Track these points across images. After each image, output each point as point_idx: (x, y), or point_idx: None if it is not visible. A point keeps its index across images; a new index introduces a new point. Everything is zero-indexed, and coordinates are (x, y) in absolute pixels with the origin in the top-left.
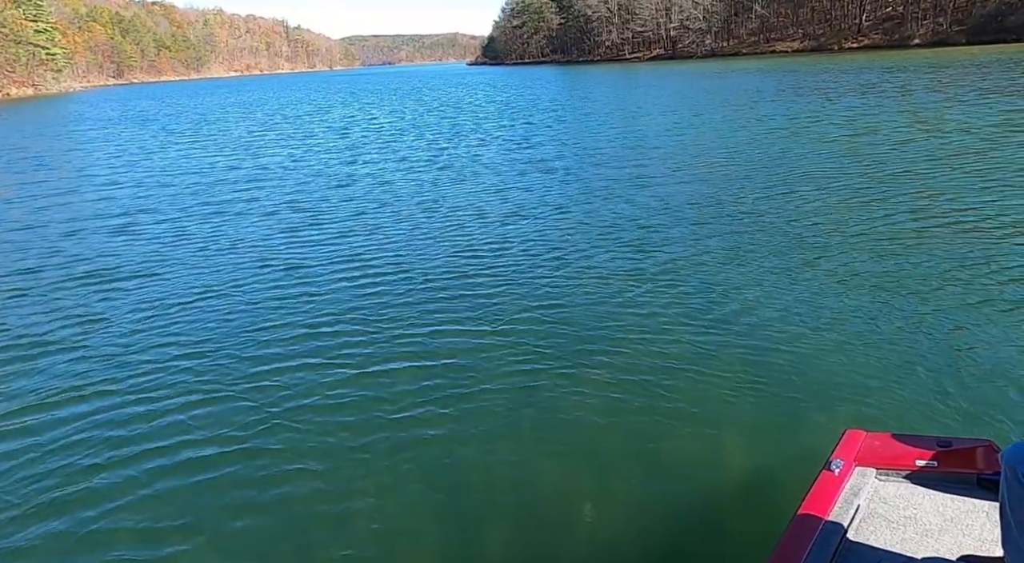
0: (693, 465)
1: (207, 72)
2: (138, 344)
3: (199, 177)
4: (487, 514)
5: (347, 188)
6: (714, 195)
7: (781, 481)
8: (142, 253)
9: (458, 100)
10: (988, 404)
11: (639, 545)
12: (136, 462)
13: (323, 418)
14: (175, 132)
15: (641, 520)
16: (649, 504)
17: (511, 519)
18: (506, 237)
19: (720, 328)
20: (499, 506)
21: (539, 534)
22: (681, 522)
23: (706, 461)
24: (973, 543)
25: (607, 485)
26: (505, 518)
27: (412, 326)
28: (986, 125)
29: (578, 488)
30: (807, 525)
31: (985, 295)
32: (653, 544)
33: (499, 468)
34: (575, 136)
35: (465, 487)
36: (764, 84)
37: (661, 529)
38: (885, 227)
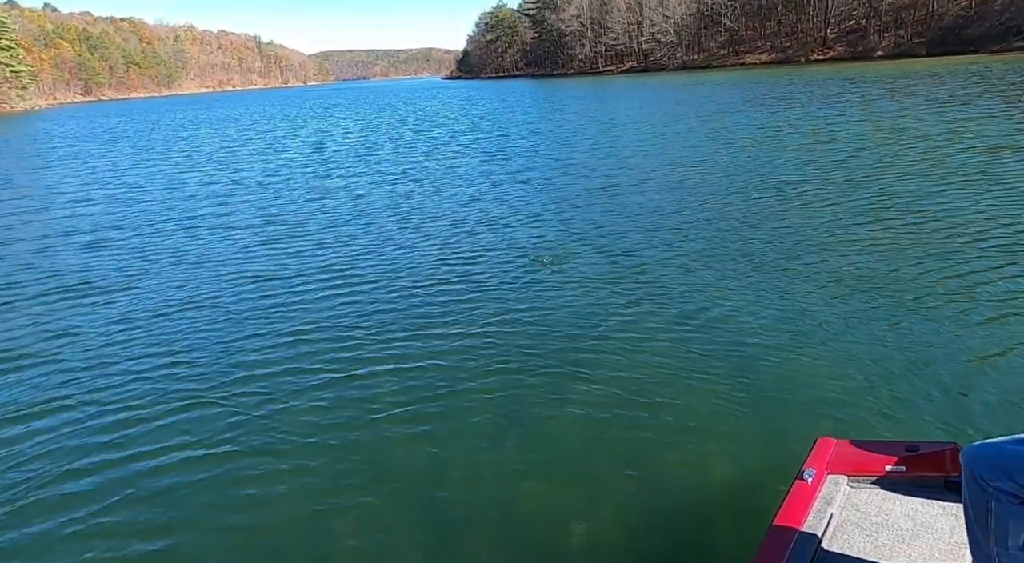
0: (670, 477)
1: (178, 88)
2: (112, 357)
3: (172, 193)
4: (468, 530)
5: (321, 201)
6: (685, 204)
7: (757, 491)
8: (115, 267)
9: (433, 113)
10: (953, 407)
11: (617, 558)
12: (109, 472)
13: (299, 435)
14: (146, 148)
15: (619, 533)
16: (627, 517)
17: (491, 533)
18: (482, 248)
19: (692, 337)
20: (479, 520)
21: (519, 550)
22: (659, 534)
23: (683, 473)
24: (944, 546)
25: (584, 498)
26: (485, 532)
27: (389, 340)
28: (940, 132)
29: (554, 498)
30: (782, 536)
31: (945, 299)
32: (631, 556)
33: (476, 481)
34: (550, 147)
35: (447, 501)
36: (733, 95)
37: (639, 542)
38: (847, 234)
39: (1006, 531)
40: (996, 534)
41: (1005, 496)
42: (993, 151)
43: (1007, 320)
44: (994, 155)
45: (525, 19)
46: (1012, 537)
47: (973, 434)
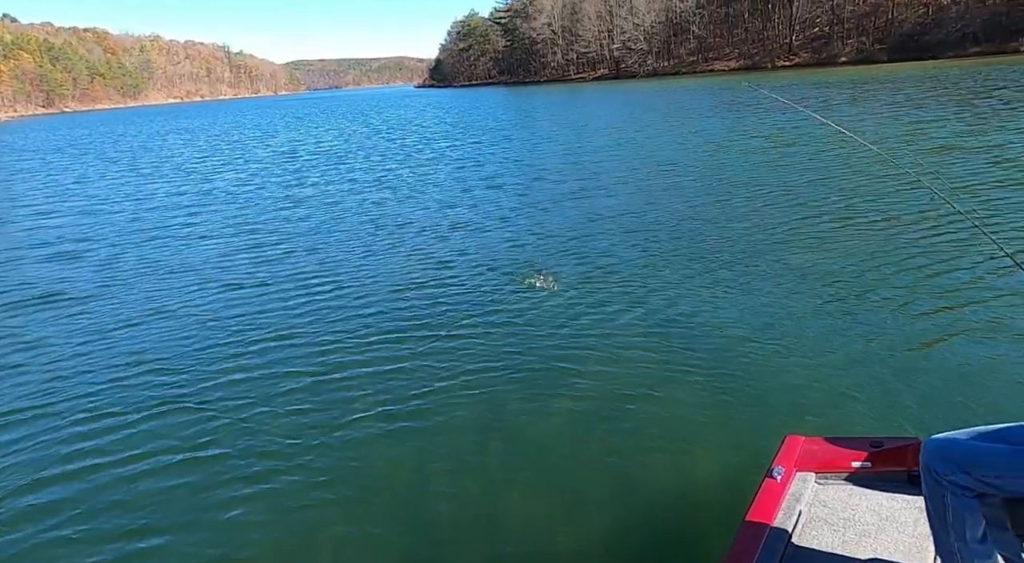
0: (644, 478)
1: (145, 99)
2: (82, 366)
3: (140, 203)
4: (447, 535)
5: (294, 210)
6: (654, 207)
7: (728, 489)
8: (84, 278)
9: (406, 122)
10: (916, 402)
11: (592, 558)
12: (81, 481)
13: (275, 445)
14: (114, 160)
15: (594, 533)
16: (602, 517)
17: (470, 535)
18: (456, 254)
19: (662, 340)
20: (458, 524)
21: (494, 550)
22: (634, 533)
23: (656, 473)
24: (908, 539)
25: (559, 499)
26: (463, 536)
27: (365, 348)
28: (895, 134)
29: (529, 500)
30: (754, 533)
31: (907, 297)
32: (606, 555)
33: (452, 484)
34: (523, 154)
35: (425, 502)
36: (702, 101)
37: (614, 541)
38: (810, 234)
39: (963, 524)
40: (955, 528)
41: (960, 490)
42: (942, 151)
43: (969, 317)
44: (943, 155)
45: (497, 27)
46: (970, 530)
47: (935, 428)
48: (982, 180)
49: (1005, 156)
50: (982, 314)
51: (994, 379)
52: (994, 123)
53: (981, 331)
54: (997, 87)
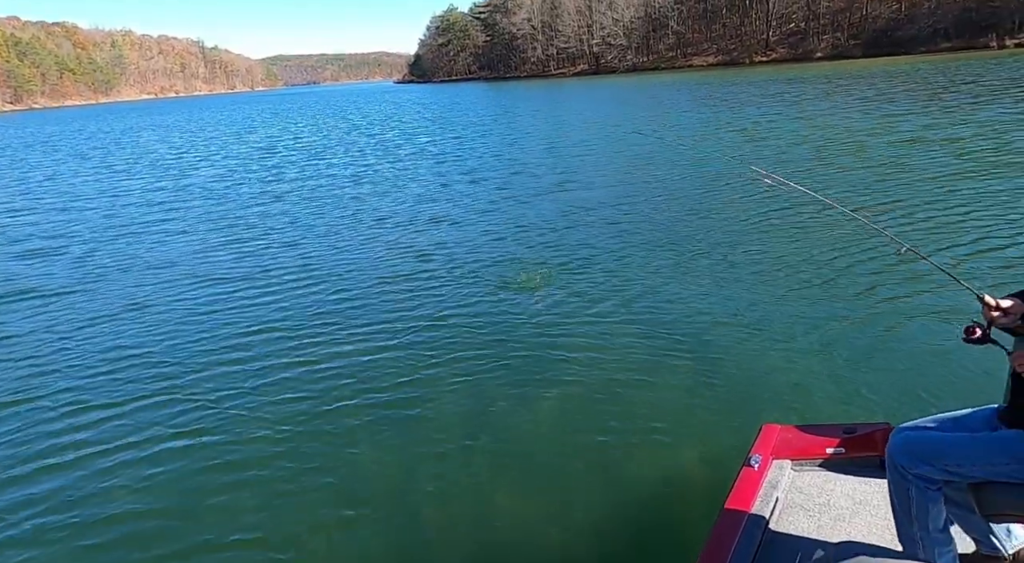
0: (625, 468)
1: (117, 95)
2: (61, 359)
3: (116, 200)
4: (430, 530)
5: (272, 206)
6: (630, 200)
7: (708, 478)
8: (58, 273)
9: (385, 117)
10: (885, 387)
11: (574, 546)
12: (57, 478)
13: (257, 440)
14: (87, 157)
15: (575, 521)
16: (583, 506)
17: (450, 524)
18: (436, 248)
19: (642, 333)
20: (441, 518)
21: (472, 539)
22: (615, 522)
23: (637, 463)
24: (880, 522)
25: (540, 490)
26: (443, 526)
27: (348, 344)
28: (863, 128)
29: (507, 491)
30: (732, 520)
31: (874, 286)
32: (589, 543)
33: (431, 476)
34: (502, 148)
35: (408, 496)
36: (680, 96)
37: (596, 529)
38: (783, 226)
39: (927, 516)
40: (918, 519)
41: (924, 483)
42: (907, 143)
43: (932, 303)
44: (909, 147)
45: (476, 22)
46: (932, 521)
47: (904, 412)
48: (945, 171)
49: (965, 148)
50: (944, 300)
51: (956, 362)
52: (958, 116)
53: (943, 316)
54: (965, 82)
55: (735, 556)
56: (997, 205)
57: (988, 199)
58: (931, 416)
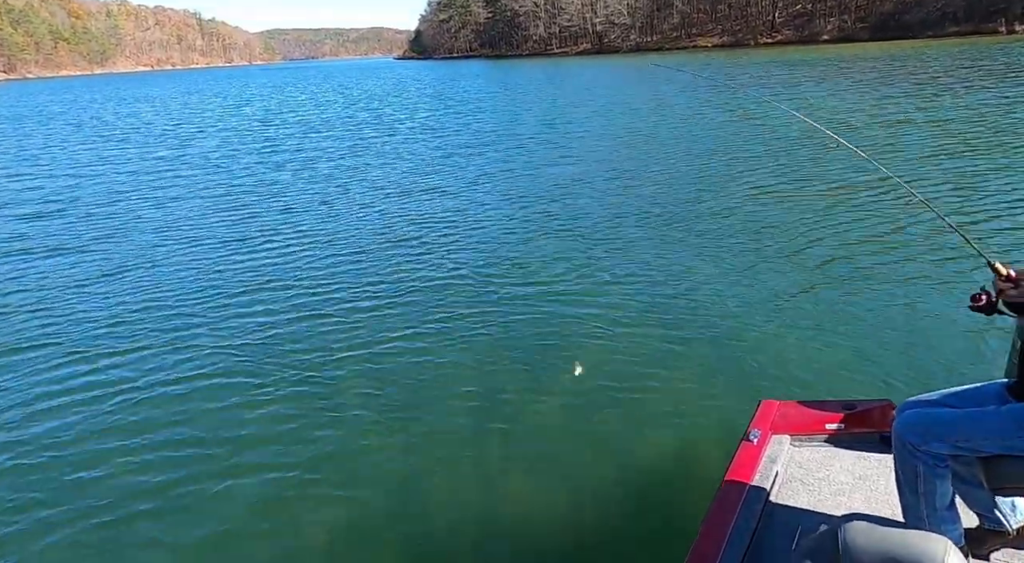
0: (628, 444)
1: (112, 67)
2: (55, 316)
3: (112, 168)
4: (435, 520)
5: (268, 175)
6: (622, 176)
7: (708, 452)
8: (54, 235)
9: (384, 94)
10: (887, 363)
11: (579, 521)
12: (50, 475)
13: (262, 430)
14: (82, 128)
15: (579, 497)
16: (587, 482)
17: (446, 501)
18: (436, 228)
19: (640, 310)
20: (443, 505)
21: (472, 519)
22: (618, 497)
23: (639, 439)
24: (880, 496)
25: (544, 468)
26: (443, 510)
27: (353, 329)
28: (855, 110)
29: (512, 468)
30: (732, 494)
31: (872, 263)
32: (592, 519)
33: (432, 460)
34: (501, 126)
35: (411, 482)
36: (679, 77)
37: (600, 504)
38: (778, 204)
39: (934, 494)
40: (925, 496)
41: (933, 460)
42: (894, 125)
43: (932, 281)
44: (896, 128)
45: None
46: (940, 499)
47: (905, 390)
48: (934, 152)
49: (949, 130)
50: (948, 273)
51: (956, 339)
52: (947, 101)
53: (946, 291)
54: (963, 67)
55: (735, 529)
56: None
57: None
58: (935, 392)
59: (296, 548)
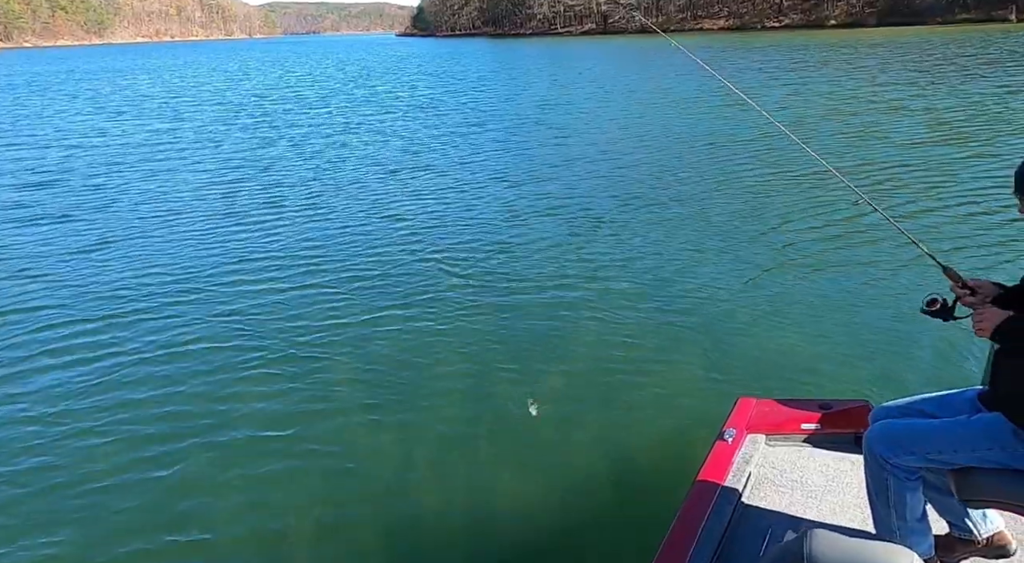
0: (602, 441)
1: (111, 37)
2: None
3: (109, 139)
4: (425, 517)
5: (262, 151)
6: (617, 164)
7: (682, 451)
8: (48, 203)
9: (383, 71)
10: (866, 363)
11: (549, 519)
12: (36, 461)
13: (249, 420)
14: (77, 97)
15: (550, 495)
16: (558, 478)
17: (431, 494)
18: (426, 207)
19: (618, 303)
20: (429, 501)
21: (445, 511)
22: (589, 495)
23: (613, 436)
24: (852, 500)
25: (514, 463)
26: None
27: (342, 307)
28: (849, 96)
29: (481, 463)
30: (703, 496)
31: (850, 260)
32: (561, 515)
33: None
34: (501, 106)
35: (404, 477)
36: (680, 59)
37: (569, 501)
38: (760, 195)
39: (904, 506)
40: (896, 508)
41: (903, 473)
42: (888, 112)
43: (911, 280)
44: (889, 114)
45: None
46: (910, 511)
47: (882, 391)
48: (925, 139)
49: (941, 118)
50: (928, 276)
51: (939, 340)
52: (944, 89)
53: (928, 293)
54: (964, 55)
55: (705, 532)
56: (985, 188)
57: (976, 180)
58: (910, 397)
59: (279, 527)
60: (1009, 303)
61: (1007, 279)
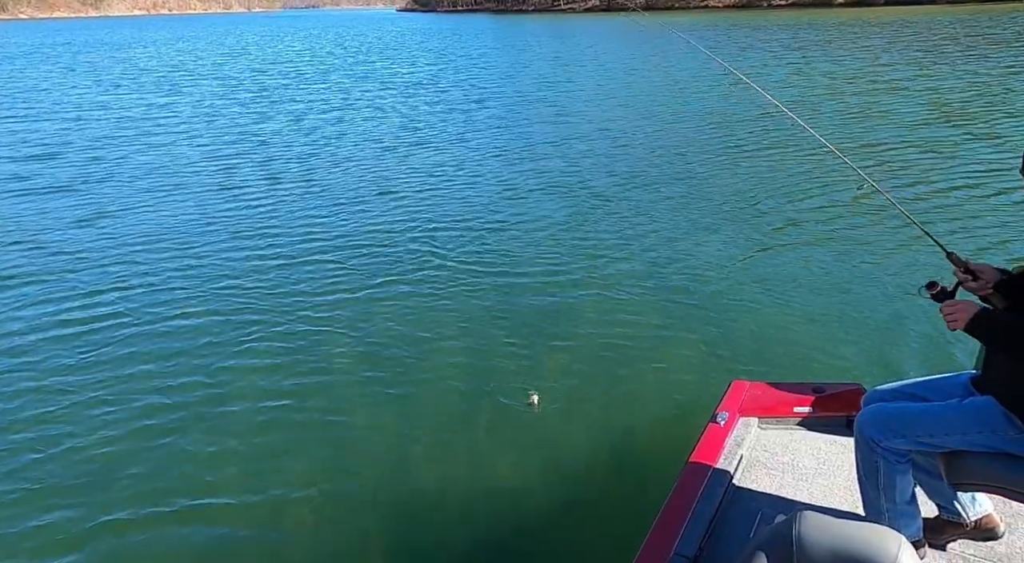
0: (591, 423)
1: (107, 10)
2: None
3: (105, 112)
4: (423, 496)
5: (259, 126)
6: (615, 143)
7: (675, 434)
8: (38, 175)
9: (383, 47)
10: (861, 347)
11: (539, 500)
12: (23, 447)
13: (243, 402)
14: (75, 70)
15: (543, 475)
16: (552, 459)
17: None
18: (429, 186)
19: (612, 285)
20: (428, 478)
21: (441, 493)
22: (578, 478)
23: (604, 419)
24: (843, 483)
25: (508, 443)
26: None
27: (338, 289)
28: (851, 75)
29: (475, 444)
30: (694, 478)
31: (847, 244)
32: (553, 497)
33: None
34: (502, 82)
35: (404, 465)
36: (684, 37)
37: (559, 483)
38: (766, 175)
39: (894, 489)
40: (885, 491)
41: (894, 457)
42: (890, 92)
43: (906, 263)
44: (891, 94)
45: None
46: (899, 493)
47: (876, 375)
48: (928, 119)
49: (943, 99)
50: (926, 260)
51: (933, 324)
52: (947, 69)
53: (926, 276)
54: (970, 35)
55: (695, 514)
56: (988, 170)
57: (979, 162)
58: (903, 381)
59: (275, 499)
60: (1012, 289)
61: (1009, 262)
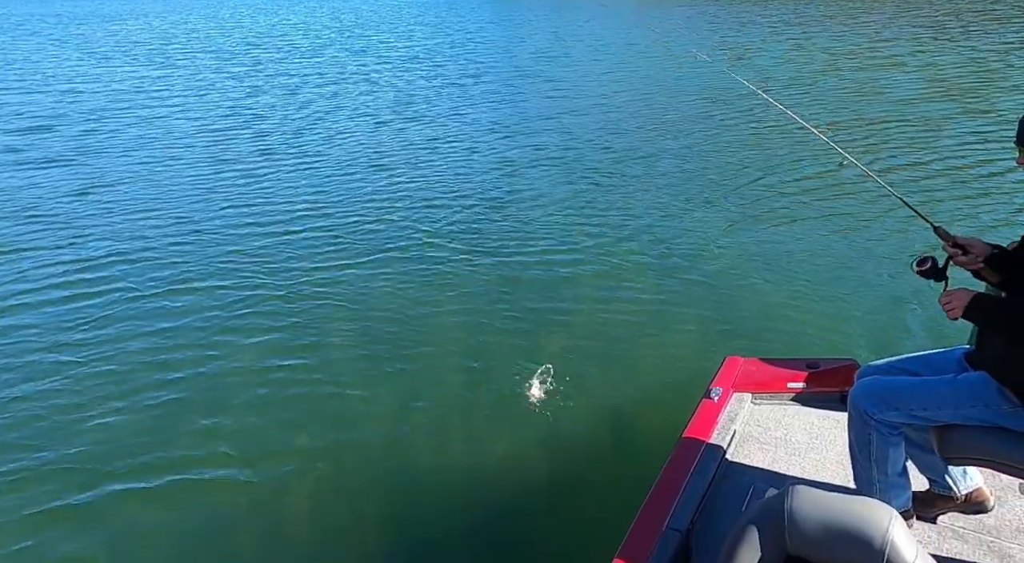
0: (586, 397)
1: None
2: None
3: (96, 86)
4: (422, 480)
5: (251, 101)
6: (614, 121)
7: (669, 410)
8: (29, 148)
9: (379, 21)
10: (855, 322)
11: (535, 473)
12: (16, 434)
13: (241, 386)
14: (64, 42)
15: (533, 449)
16: (548, 432)
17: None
18: (424, 161)
19: (607, 262)
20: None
21: (447, 476)
22: (572, 452)
23: (598, 394)
24: (835, 457)
25: (503, 418)
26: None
27: (333, 265)
28: (847, 52)
29: (459, 422)
30: (688, 453)
31: (841, 219)
32: (544, 473)
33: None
34: (499, 58)
35: (408, 466)
36: (684, 13)
37: (552, 456)
38: (762, 153)
39: (886, 461)
40: (877, 463)
41: (887, 429)
42: (885, 67)
43: (899, 241)
44: (888, 70)
45: None
46: (891, 465)
47: (871, 350)
48: (921, 95)
49: (940, 75)
50: (914, 236)
51: (924, 300)
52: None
53: (917, 251)
54: (974, 10)
55: (688, 488)
56: (980, 146)
57: (971, 139)
58: (897, 356)
59: (269, 474)
60: (1004, 264)
61: (1002, 238)
